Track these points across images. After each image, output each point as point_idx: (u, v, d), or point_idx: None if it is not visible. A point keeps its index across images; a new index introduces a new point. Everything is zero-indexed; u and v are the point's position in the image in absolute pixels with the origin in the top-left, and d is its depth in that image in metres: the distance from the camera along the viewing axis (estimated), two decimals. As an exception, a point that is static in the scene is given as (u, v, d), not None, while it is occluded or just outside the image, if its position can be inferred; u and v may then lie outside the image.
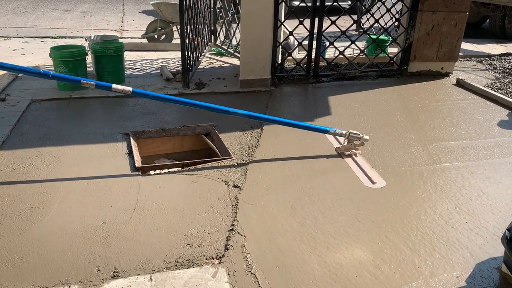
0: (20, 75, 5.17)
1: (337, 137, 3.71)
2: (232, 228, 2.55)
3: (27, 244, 2.34)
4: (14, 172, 3.03)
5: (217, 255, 2.33)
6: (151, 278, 2.15)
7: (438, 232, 2.61)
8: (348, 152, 3.52)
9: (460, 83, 5.48)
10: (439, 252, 2.44)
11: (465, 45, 7.89)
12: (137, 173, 3.11)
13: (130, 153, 3.38)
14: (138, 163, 3.22)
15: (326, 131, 3.53)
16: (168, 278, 2.16)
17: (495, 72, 6.27)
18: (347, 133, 3.46)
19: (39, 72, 2.96)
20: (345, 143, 3.52)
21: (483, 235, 2.61)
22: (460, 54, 6.00)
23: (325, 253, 2.38)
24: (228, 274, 2.20)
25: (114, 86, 3.02)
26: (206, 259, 2.31)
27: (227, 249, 2.38)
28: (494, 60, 6.97)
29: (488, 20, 9.23)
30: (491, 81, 5.77)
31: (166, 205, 2.75)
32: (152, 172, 3.15)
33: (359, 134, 3.47)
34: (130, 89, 3.06)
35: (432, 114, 4.50)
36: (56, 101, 4.33)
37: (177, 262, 2.27)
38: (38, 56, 6.04)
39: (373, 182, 3.14)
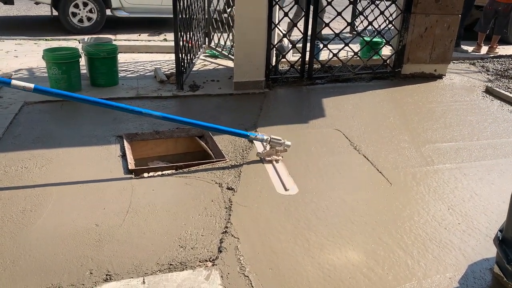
0: (13, 76, 5.15)
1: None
2: (226, 231, 2.55)
3: (19, 248, 2.33)
4: (6, 175, 3.01)
5: (211, 258, 2.33)
6: (144, 281, 2.14)
7: (431, 234, 2.62)
8: (269, 158, 3.43)
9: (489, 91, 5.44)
10: (432, 253, 2.45)
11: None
12: (131, 175, 3.10)
13: (124, 155, 3.37)
14: (131, 166, 3.21)
15: (246, 136, 3.44)
16: (161, 281, 2.15)
17: (488, 74, 6.32)
18: (268, 139, 3.37)
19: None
20: (267, 148, 3.43)
21: (475, 236, 2.62)
22: (453, 56, 6.03)
23: (318, 255, 2.38)
24: (222, 277, 2.19)
25: (13, 82, 2.84)
26: (200, 261, 2.30)
27: (221, 251, 2.37)
28: (487, 62, 7.02)
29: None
30: (484, 83, 5.80)
31: (159, 207, 2.74)
32: (145, 174, 3.14)
33: (281, 140, 3.38)
34: (32, 86, 2.87)
35: (426, 116, 4.52)
36: (49, 104, 4.30)
37: (170, 264, 2.26)
38: (31, 58, 6.01)
39: (286, 189, 3.04)
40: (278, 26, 5.05)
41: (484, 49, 7.86)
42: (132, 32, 8.42)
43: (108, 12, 8.31)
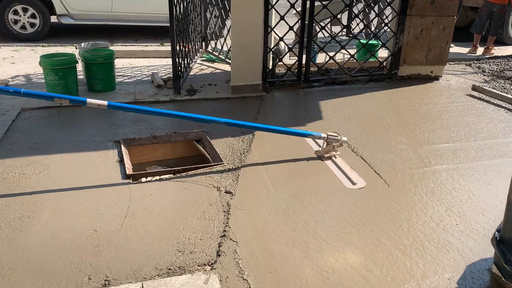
0: (10, 83, 5.15)
1: (316, 140, 3.73)
2: (224, 234, 2.54)
3: (17, 254, 2.32)
4: (3, 182, 3.01)
5: (209, 262, 2.32)
6: (142, 286, 2.14)
7: (429, 235, 2.62)
8: (328, 155, 3.54)
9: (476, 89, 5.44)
10: (431, 254, 2.45)
11: (454, 49, 7.98)
12: (128, 180, 3.10)
13: (121, 160, 3.37)
14: (129, 171, 3.21)
15: (305, 135, 3.55)
16: (159, 286, 2.14)
17: (484, 75, 6.34)
18: (326, 136, 3.49)
19: (8, 89, 2.90)
20: (324, 146, 3.55)
21: (473, 237, 2.62)
22: (449, 57, 6.06)
23: (317, 258, 2.38)
24: (220, 281, 2.19)
25: (89, 100, 2.96)
26: (198, 265, 2.30)
27: (219, 255, 2.37)
28: (483, 63, 7.06)
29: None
30: (480, 84, 5.82)
31: (157, 212, 2.74)
32: (143, 179, 3.14)
33: (337, 136, 3.51)
34: (106, 103, 2.99)
35: (422, 117, 4.53)
36: (46, 110, 4.30)
37: (169, 269, 2.26)
38: (28, 64, 6.01)
39: (353, 183, 3.16)
40: (274, 29, 5.07)
41: (480, 50, 7.90)
42: (129, 37, 8.43)
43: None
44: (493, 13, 7.65)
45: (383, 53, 6.30)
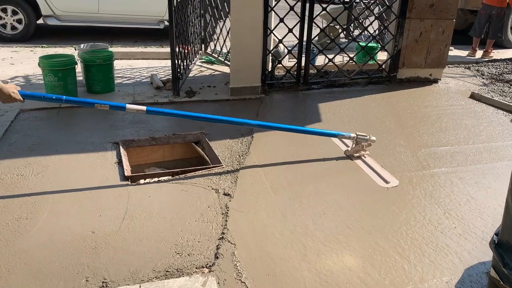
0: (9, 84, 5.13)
1: (344, 140, 3.85)
2: (222, 237, 2.54)
3: (14, 256, 2.31)
4: (1, 183, 3.00)
5: (207, 264, 2.32)
6: (140, 288, 2.13)
7: (427, 238, 2.62)
8: (357, 154, 3.62)
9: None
10: (429, 257, 2.45)
11: (453, 52, 8.00)
12: (127, 182, 3.09)
13: (120, 162, 3.36)
14: (127, 172, 3.21)
15: (335, 135, 3.63)
16: (157, 288, 2.14)
17: (483, 78, 6.35)
18: (355, 136, 3.55)
19: (51, 97, 2.96)
20: (354, 145, 3.62)
21: (472, 240, 2.62)
22: (448, 60, 6.07)
23: (315, 260, 2.38)
24: (218, 283, 2.19)
25: (128, 106, 3.00)
26: (196, 268, 2.29)
27: (217, 257, 2.37)
28: (482, 66, 7.07)
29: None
30: (479, 87, 5.84)
31: (155, 214, 2.73)
32: (141, 181, 3.13)
33: (366, 136, 3.58)
34: (144, 108, 3.05)
35: (421, 120, 4.54)
36: (45, 111, 4.30)
37: (167, 271, 2.26)
38: (27, 65, 6.01)
39: (386, 182, 3.26)
40: (273, 32, 5.07)
41: (479, 53, 7.91)
42: (128, 39, 8.43)
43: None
44: (492, 16, 7.67)
45: (382, 56, 6.31)
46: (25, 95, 2.77)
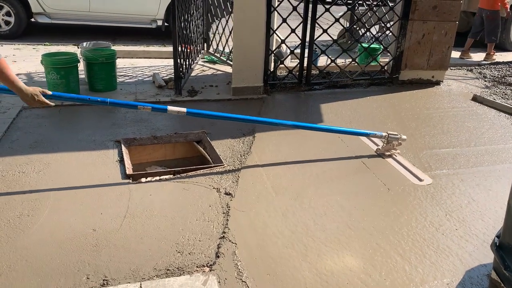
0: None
1: (372, 138, 3.94)
2: (223, 236, 2.54)
3: (15, 252, 2.32)
4: (3, 180, 3.00)
5: (208, 263, 2.32)
6: (141, 286, 2.13)
7: (428, 239, 2.62)
8: (388, 153, 3.71)
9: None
10: (430, 259, 2.45)
11: (456, 54, 7.98)
12: (128, 180, 3.10)
13: (121, 160, 3.36)
14: (129, 171, 3.21)
15: (366, 134, 3.73)
16: (158, 286, 2.14)
17: (485, 81, 6.35)
18: (387, 135, 3.64)
19: (97, 100, 3.03)
20: (385, 144, 3.71)
21: (473, 242, 2.62)
22: (450, 62, 6.06)
23: (316, 260, 2.38)
24: (219, 282, 2.19)
25: (170, 108, 3.12)
26: (197, 266, 2.29)
27: (218, 256, 2.37)
28: (484, 68, 7.06)
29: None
30: (481, 90, 5.83)
31: (157, 212, 2.74)
32: (143, 179, 3.14)
33: (397, 135, 3.67)
34: (185, 110, 3.15)
35: (423, 122, 4.53)
36: (47, 109, 4.29)
37: (168, 270, 2.26)
38: (30, 63, 6.01)
39: (420, 179, 3.33)
40: (276, 32, 5.07)
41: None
42: (131, 37, 8.44)
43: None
44: (484, 19, 7.63)
45: (384, 57, 6.31)
46: (63, 97, 2.93)
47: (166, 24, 8.13)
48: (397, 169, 3.49)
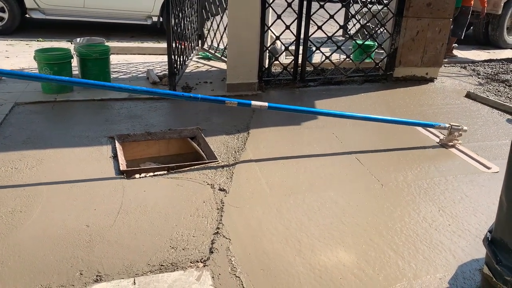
0: (3, 77, 5.10)
1: (428, 129, 4.19)
2: (217, 231, 2.54)
3: (8, 249, 2.30)
4: (-5, 176, 2.99)
5: (202, 258, 2.32)
6: (134, 282, 2.13)
7: (421, 235, 2.63)
8: (451, 143, 3.90)
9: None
10: (423, 254, 2.46)
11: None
12: (122, 176, 3.08)
13: (115, 156, 3.35)
14: (123, 167, 3.20)
15: (431, 126, 3.96)
16: (152, 282, 2.14)
17: (479, 78, 6.38)
18: (450, 126, 3.86)
19: (189, 96, 3.17)
20: (447, 135, 3.92)
21: (465, 237, 2.64)
22: (444, 60, 6.08)
23: (310, 256, 2.38)
24: (213, 277, 2.19)
25: (253, 103, 3.35)
26: (191, 262, 2.29)
27: (212, 252, 2.37)
28: (478, 66, 7.10)
29: (472, 27, 9.38)
30: (474, 87, 5.86)
31: (150, 208, 2.73)
32: (137, 175, 3.13)
33: (459, 126, 3.87)
34: (266, 104, 3.39)
35: (417, 119, 4.54)
36: (40, 104, 4.28)
37: (161, 265, 2.25)
38: (22, 59, 5.97)
39: (487, 167, 3.53)
40: (270, 28, 5.07)
41: (473, 53, 7.91)
42: (125, 34, 8.39)
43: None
44: (458, 14, 7.60)
45: (379, 54, 6.32)
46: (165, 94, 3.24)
47: (161, 20, 8.10)
48: (463, 158, 3.69)
